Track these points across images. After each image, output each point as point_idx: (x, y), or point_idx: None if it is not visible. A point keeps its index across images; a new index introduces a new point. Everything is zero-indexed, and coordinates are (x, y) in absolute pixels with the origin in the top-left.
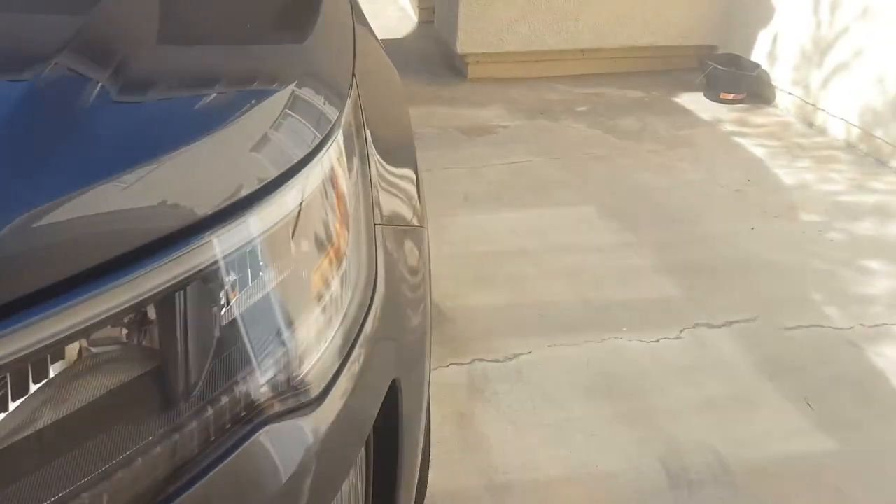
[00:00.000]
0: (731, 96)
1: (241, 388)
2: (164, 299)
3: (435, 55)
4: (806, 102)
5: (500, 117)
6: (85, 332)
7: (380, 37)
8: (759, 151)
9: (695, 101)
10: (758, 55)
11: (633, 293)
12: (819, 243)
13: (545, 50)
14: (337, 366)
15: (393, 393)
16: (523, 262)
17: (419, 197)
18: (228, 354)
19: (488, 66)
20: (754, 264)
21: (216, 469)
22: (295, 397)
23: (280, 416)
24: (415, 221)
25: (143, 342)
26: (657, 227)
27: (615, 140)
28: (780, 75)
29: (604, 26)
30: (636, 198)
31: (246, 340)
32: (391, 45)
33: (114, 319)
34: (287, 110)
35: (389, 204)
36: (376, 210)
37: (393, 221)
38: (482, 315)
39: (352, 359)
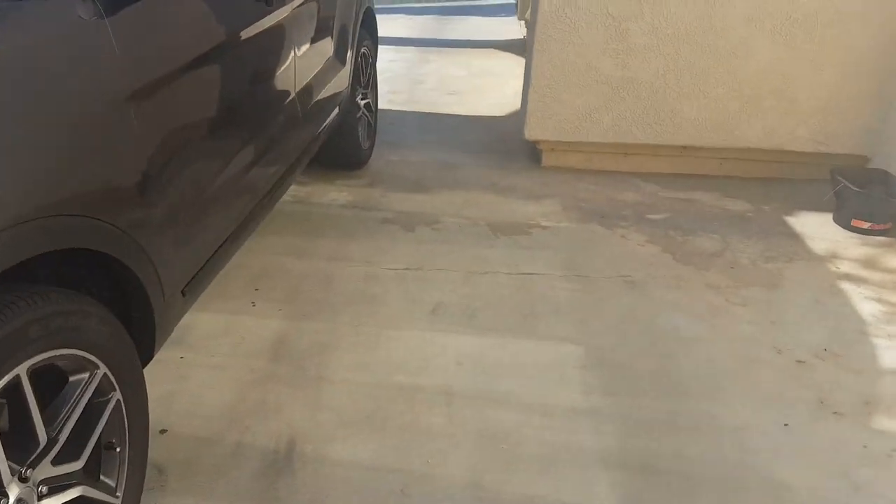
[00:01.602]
0: (866, 225)
1: None
2: None
3: (519, 138)
4: None
5: (547, 215)
6: None
7: (483, 112)
8: (868, 308)
9: (816, 225)
10: None
11: (548, 490)
12: (886, 474)
13: (635, 143)
14: None
15: None
16: (437, 410)
17: None
18: None
19: (567, 154)
20: (755, 490)
21: None
22: None
23: None
24: None
25: None
26: (648, 395)
27: (671, 263)
28: None
29: (708, 122)
30: (647, 348)
31: None
32: (484, 122)
33: None
34: None
35: None
36: None
37: None
38: (335, 475)
39: None
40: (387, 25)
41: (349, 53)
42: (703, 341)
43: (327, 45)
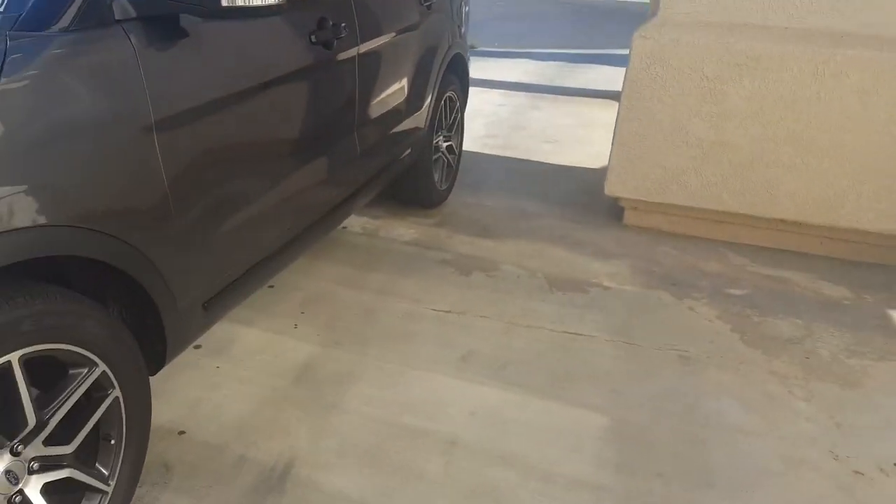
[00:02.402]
0: None
1: None
2: None
3: (602, 192)
4: None
5: (612, 276)
6: None
7: (577, 163)
8: None
9: None
10: None
11: None
12: None
13: (728, 211)
14: None
15: None
16: (436, 457)
17: None
18: None
19: (652, 215)
20: None
21: None
22: None
23: None
24: None
25: None
26: (664, 480)
27: (738, 343)
28: None
29: (810, 197)
30: (680, 429)
31: None
32: (575, 173)
33: None
34: None
35: None
36: None
37: None
38: (320, 503)
39: None
40: (507, 69)
41: (428, 97)
42: (747, 432)
43: (401, 89)
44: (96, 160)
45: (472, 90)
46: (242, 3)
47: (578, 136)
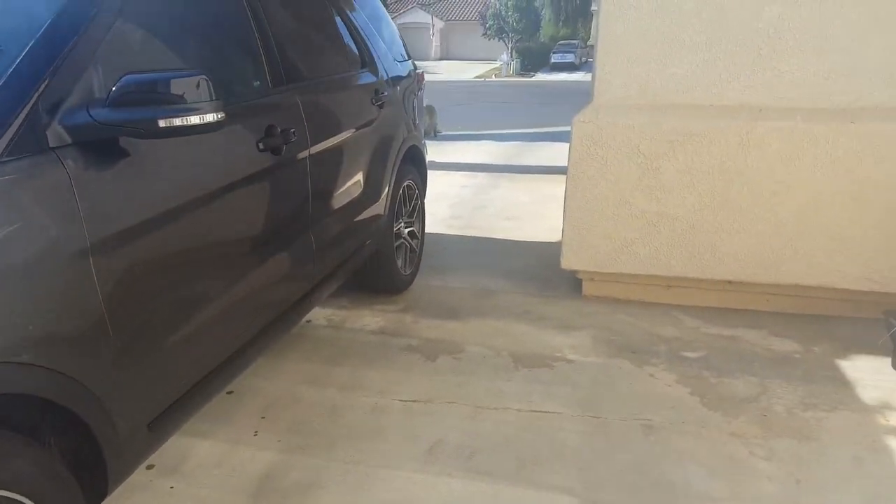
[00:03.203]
0: None
1: None
2: None
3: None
4: None
5: (575, 348)
6: None
7: (536, 238)
8: None
9: (870, 371)
10: None
11: None
12: None
13: (677, 276)
14: None
15: None
16: None
17: None
18: None
19: (607, 284)
20: None
21: None
22: None
23: None
24: None
25: None
26: None
27: (698, 407)
28: None
29: (750, 258)
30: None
31: None
32: (535, 248)
33: None
34: None
35: None
36: None
37: None
38: None
39: None
40: (470, 151)
41: (385, 189)
42: (714, 499)
43: (357, 184)
44: (27, 290)
45: (437, 173)
46: (180, 123)
47: (537, 212)
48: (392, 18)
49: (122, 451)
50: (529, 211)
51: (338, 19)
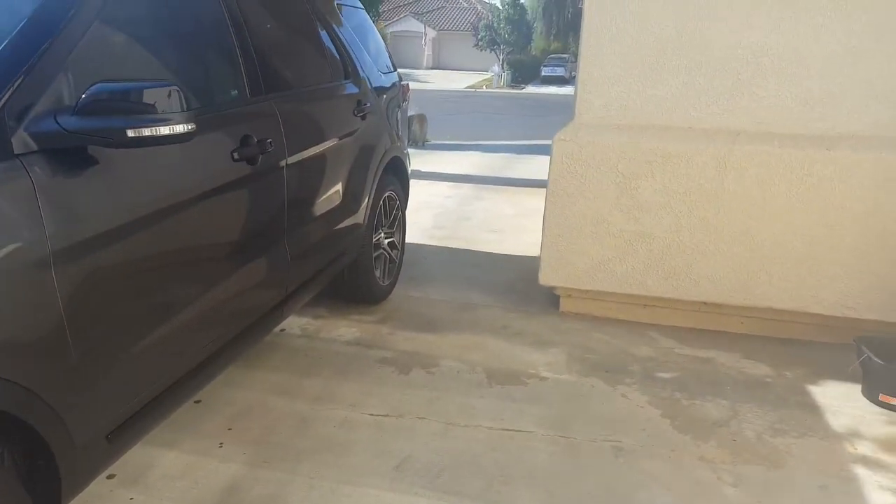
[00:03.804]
0: (895, 401)
1: None
2: None
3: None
4: None
5: (549, 366)
6: None
7: (518, 251)
8: (880, 500)
9: (840, 397)
10: None
11: None
12: None
13: (653, 295)
14: None
15: None
16: None
17: None
18: None
19: (585, 301)
20: None
21: None
22: None
23: None
24: None
25: None
26: None
27: (668, 429)
28: None
29: (726, 280)
30: None
31: None
32: (516, 262)
33: None
34: None
35: None
36: None
37: None
38: None
39: None
40: (457, 161)
41: (365, 199)
42: None
43: (336, 193)
44: None
45: (423, 182)
46: (149, 134)
47: (520, 225)
48: (385, 26)
49: (78, 463)
50: (513, 224)
51: (321, 30)
